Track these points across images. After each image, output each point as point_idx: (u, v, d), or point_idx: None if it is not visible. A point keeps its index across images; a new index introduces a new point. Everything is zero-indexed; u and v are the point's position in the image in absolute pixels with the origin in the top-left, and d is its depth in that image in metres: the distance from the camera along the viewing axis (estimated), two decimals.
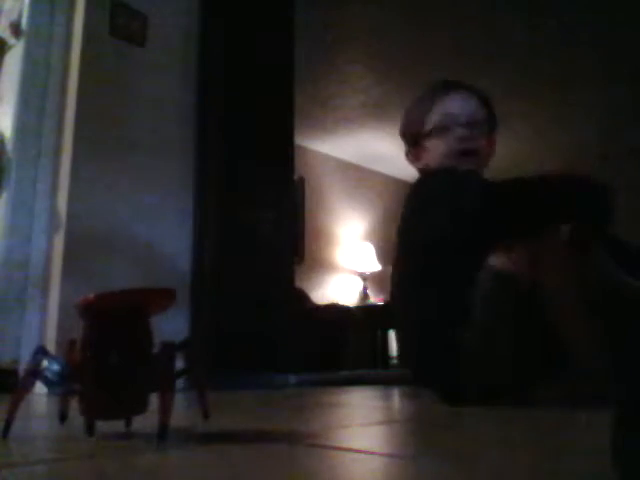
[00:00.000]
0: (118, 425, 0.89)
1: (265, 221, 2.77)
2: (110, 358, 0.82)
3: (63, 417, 0.93)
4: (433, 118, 1.54)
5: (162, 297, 0.90)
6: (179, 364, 0.89)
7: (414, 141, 1.59)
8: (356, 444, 0.86)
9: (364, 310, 5.45)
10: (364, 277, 5.95)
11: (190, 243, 2.64)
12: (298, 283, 3.77)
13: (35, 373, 0.85)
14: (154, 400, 0.83)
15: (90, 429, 0.79)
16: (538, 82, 4.75)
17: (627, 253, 1.34)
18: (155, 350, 0.86)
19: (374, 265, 5.93)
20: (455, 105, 1.53)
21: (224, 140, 2.73)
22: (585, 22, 3.89)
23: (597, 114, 5.28)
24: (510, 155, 6.37)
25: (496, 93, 5.10)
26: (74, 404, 0.86)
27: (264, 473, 0.61)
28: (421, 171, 1.60)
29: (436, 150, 1.53)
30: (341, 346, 4.60)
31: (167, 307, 0.91)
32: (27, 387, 0.85)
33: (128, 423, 0.89)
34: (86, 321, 0.87)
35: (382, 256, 6.14)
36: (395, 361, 5.81)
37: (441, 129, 1.52)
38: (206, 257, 2.61)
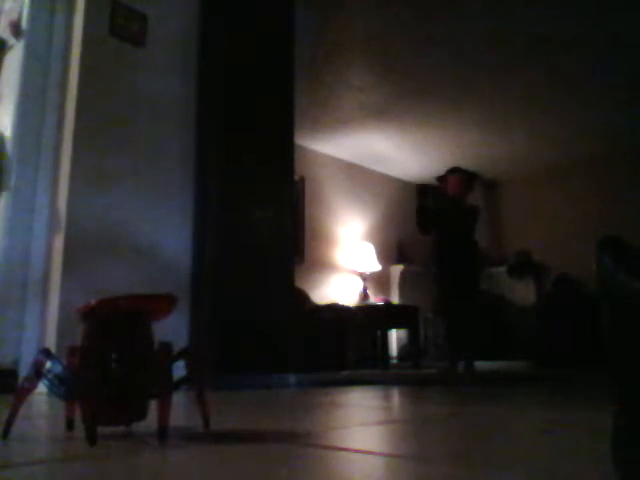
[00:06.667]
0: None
1: (265, 221, 2.77)
2: (110, 365, 0.82)
3: (70, 424, 0.91)
4: None
5: (163, 303, 0.90)
6: (180, 372, 0.89)
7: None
8: (356, 444, 0.86)
9: (364, 310, 5.44)
10: (364, 277, 5.95)
11: (190, 243, 2.64)
12: (298, 283, 3.77)
13: (38, 374, 0.85)
14: (153, 400, 0.83)
15: (91, 437, 0.76)
16: (537, 83, 4.75)
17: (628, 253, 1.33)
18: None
19: (374, 265, 5.93)
20: None
21: (224, 140, 2.73)
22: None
23: (598, 113, 5.28)
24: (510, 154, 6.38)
25: (496, 93, 5.08)
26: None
27: (264, 473, 0.61)
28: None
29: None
30: (341, 346, 4.59)
31: (168, 313, 0.91)
32: (30, 388, 0.85)
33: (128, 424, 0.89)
34: (87, 327, 0.86)
35: (382, 256, 6.13)
36: (395, 361, 5.81)
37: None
38: (206, 257, 2.60)
